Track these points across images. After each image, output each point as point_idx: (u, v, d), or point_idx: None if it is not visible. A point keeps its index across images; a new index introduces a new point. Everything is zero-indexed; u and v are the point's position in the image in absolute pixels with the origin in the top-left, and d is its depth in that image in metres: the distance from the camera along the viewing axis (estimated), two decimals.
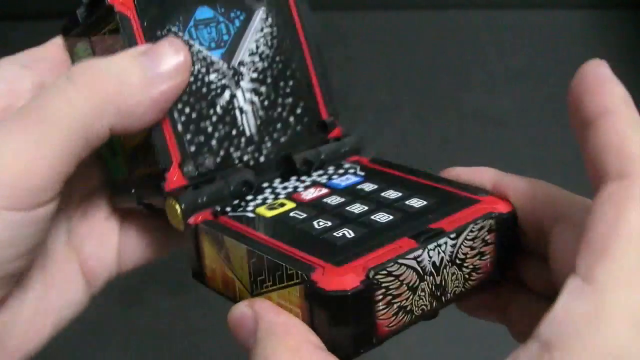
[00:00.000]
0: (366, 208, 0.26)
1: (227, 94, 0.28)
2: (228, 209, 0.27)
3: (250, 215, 0.27)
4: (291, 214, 0.26)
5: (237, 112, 0.28)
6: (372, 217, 0.25)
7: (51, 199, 0.25)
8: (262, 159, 0.28)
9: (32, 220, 0.25)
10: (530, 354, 0.19)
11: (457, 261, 0.26)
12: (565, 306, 0.19)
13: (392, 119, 0.87)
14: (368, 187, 0.28)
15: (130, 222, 0.33)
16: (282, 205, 0.27)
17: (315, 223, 0.25)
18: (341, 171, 0.29)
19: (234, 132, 0.28)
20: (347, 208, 0.26)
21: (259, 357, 0.22)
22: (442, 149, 0.78)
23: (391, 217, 0.25)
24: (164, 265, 0.72)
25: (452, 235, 0.25)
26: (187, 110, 0.27)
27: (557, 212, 0.26)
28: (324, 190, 0.28)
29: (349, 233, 0.24)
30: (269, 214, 0.26)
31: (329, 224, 0.25)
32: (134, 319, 0.74)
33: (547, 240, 0.26)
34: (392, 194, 0.27)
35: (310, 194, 0.27)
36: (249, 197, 0.28)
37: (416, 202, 0.26)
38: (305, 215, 0.26)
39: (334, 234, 0.24)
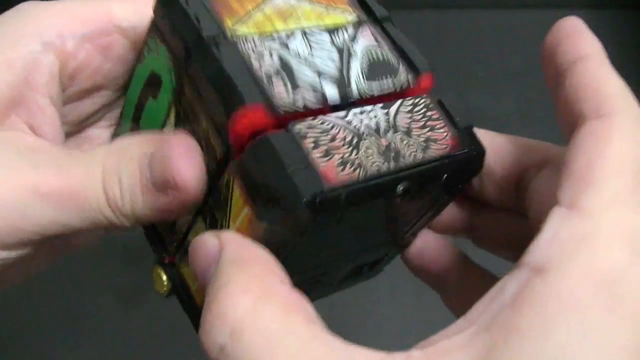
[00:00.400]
0: None
1: None
2: None
3: None
4: None
5: None
6: None
7: (33, 247, 0.25)
8: None
9: (9, 257, 0.25)
10: (519, 280, 0.18)
11: (401, 129, 0.24)
12: (553, 231, 0.19)
13: None
14: None
15: None
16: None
17: None
18: None
19: None
20: None
21: (216, 287, 0.20)
22: None
23: None
24: None
25: (380, 105, 0.24)
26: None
27: (544, 158, 0.26)
28: None
29: None
30: None
31: None
32: (134, 319, 0.74)
33: (528, 189, 0.26)
34: None
35: None
36: None
37: None
38: None
39: None
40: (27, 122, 0.26)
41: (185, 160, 0.23)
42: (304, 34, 0.25)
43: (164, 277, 0.28)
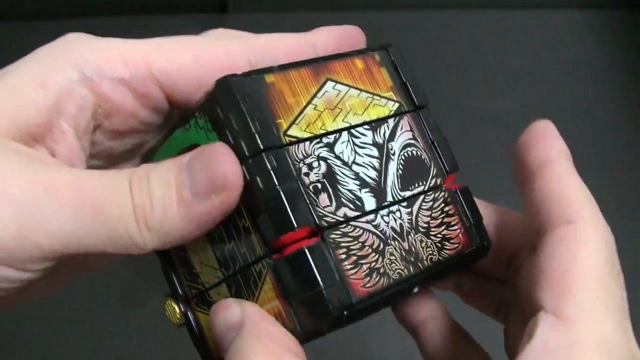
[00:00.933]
0: None
1: None
2: None
3: None
4: None
5: None
6: None
7: (46, 268, 0.24)
8: None
9: (21, 278, 0.23)
10: None
11: (421, 229, 0.27)
12: (543, 339, 0.22)
13: None
14: None
15: None
16: None
17: None
18: None
19: None
20: None
21: (237, 354, 0.22)
22: None
23: None
24: None
25: (404, 204, 0.27)
26: None
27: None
28: None
29: None
30: None
31: None
32: (134, 319, 0.74)
33: (521, 268, 0.28)
34: None
35: None
36: None
37: None
38: None
39: None
40: (47, 145, 0.25)
41: (232, 158, 0.23)
42: (350, 134, 0.27)
43: (178, 311, 0.28)
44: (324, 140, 0.26)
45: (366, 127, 0.27)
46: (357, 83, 0.28)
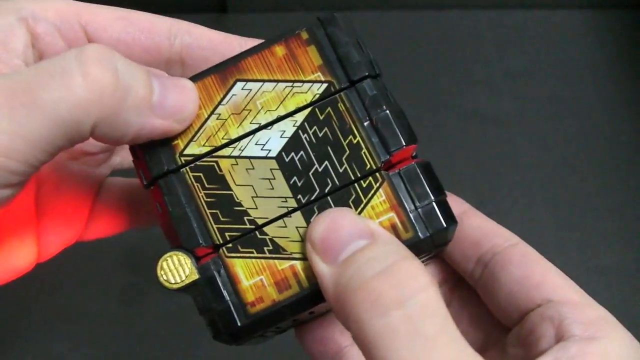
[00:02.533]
0: None
1: None
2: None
3: None
4: None
5: None
6: None
7: (19, 183, 0.23)
8: None
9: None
10: (577, 340, 0.24)
11: None
12: (578, 316, 0.25)
13: None
14: None
15: (105, 193, 0.32)
16: None
17: None
18: None
19: None
20: None
21: (373, 262, 0.22)
22: (442, 148, 0.78)
23: None
24: None
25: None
26: None
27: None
28: None
29: None
30: None
31: None
32: (134, 319, 0.74)
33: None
34: None
35: None
36: None
37: None
38: None
39: None
40: None
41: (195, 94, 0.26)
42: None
43: (189, 266, 0.25)
44: None
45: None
46: (275, 74, 0.27)
